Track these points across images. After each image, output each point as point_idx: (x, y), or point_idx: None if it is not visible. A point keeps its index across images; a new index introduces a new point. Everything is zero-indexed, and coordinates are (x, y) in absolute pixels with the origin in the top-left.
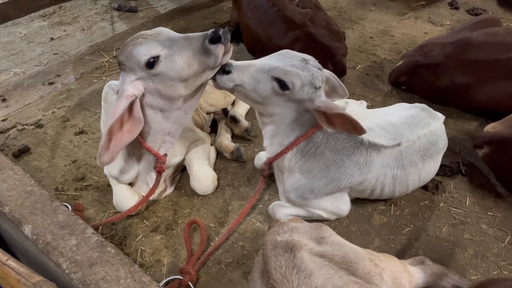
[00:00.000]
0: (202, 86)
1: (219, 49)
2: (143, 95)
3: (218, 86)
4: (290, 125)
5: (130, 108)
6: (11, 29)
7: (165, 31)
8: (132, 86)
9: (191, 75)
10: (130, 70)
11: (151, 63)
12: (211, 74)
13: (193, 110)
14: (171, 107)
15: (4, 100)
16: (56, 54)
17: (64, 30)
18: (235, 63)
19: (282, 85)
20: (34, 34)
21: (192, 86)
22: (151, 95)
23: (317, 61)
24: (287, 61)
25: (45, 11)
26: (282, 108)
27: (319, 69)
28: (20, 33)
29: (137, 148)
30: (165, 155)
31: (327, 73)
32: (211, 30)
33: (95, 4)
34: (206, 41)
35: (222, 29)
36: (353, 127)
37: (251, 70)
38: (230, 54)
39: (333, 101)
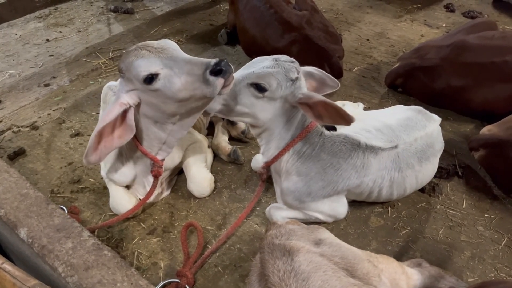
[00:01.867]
0: (200, 108)
1: (218, 82)
2: (139, 104)
3: (210, 111)
4: (284, 127)
5: (124, 115)
6: (7, 30)
7: (171, 47)
8: (128, 95)
9: (187, 98)
10: (128, 80)
11: (149, 79)
12: (208, 100)
13: (190, 127)
14: (166, 121)
15: None
16: (52, 55)
17: (60, 32)
18: None
19: (259, 88)
20: (30, 35)
21: (187, 107)
22: (146, 106)
23: (288, 57)
24: (257, 65)
25: (40, 13)
26: (271, 112)
27: (292, 62)
28: (16, 34)
29: (134, 151)
30: (163, 159)
31: (310, 68)
32: (214, 61)
33: (91, 5)
34: (207, 72)
35: (225, 61)
36: (340, 116)
37: None
38: (230, 86)
39: (326, 94)
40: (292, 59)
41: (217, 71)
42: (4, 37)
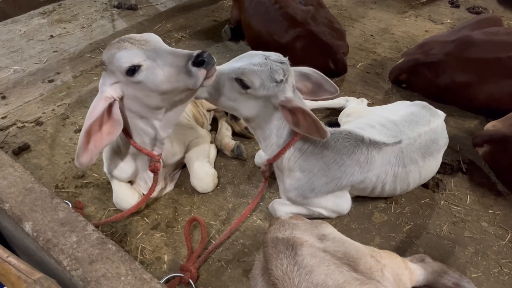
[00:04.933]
0: (184, 103)
1: (200, 73)
2: (122, 98)
3: (195, 97)
4: (277, 124)
5: (110, 110)
6: (11, 26)
7: (154, 40)
8: (112, 88)
9: (169, 90)
10: (111, 72)
11: (132, 71)
12: (190, 92)
13: (176, 121)
14: (151, 116)
15: (4, 97)
16: (56, 51)
17: (64, 28)
18: None
19: (242, 84)
20: (34, 31)
21: (171, 100)
22: (130, 100)
23: (281, 56)
24: (246, 61)
25: (44, 9)
26: (254, 109)
27: (281, 62)
28: (20, 30)
29: (132, 148)
30: (160, 154)
31: (308, 69)
32: (196, 52)
33: (95, 1)
34: (189, 63)
35: (207, 53)
36: (316, 129)
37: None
38: (212, 78)
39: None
40: (284, 59)
41: (199, 62)
42: (8, 33)
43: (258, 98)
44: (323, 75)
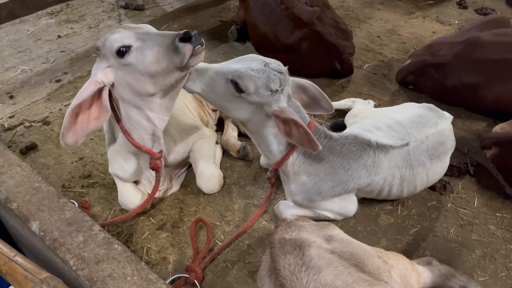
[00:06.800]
0: (175, 89)
1: (187, 48)
2: (113, 85)
3: (188, 90)
4: (273, 132)
5: (100, 95)
6: (19, 26)
7: (148, 28)
8: (103, 73)
9: (159, 71)
10: (103, 56)
11: (122, 52)
12: (180, 75)
13: (171, 108)
14: (144, 105)
15: (11, 97)
16: (63, 51)
17: (71, 28)
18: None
19: (237, 87)
20: (42, 31)
21: (161, 84)
22: (121, 87)
23: (281, 65)
24: (245, 64)
25: (52, 9)
26: (247, 113)
27: (279, 72)
28: (28, 30)
29: (132, 147)
30: (161, 151)
31: (306, 82)
32: (184, 31)
33: (102, 2)
34: (176, 39)
35: (195, 31)
36: (307, 141)
37: (210, 72)
38: (200, 57)
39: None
40: (283, 69)
41: (186, 38)
42: (16, 33)
43: (251, 103)
44: (321, 91)
